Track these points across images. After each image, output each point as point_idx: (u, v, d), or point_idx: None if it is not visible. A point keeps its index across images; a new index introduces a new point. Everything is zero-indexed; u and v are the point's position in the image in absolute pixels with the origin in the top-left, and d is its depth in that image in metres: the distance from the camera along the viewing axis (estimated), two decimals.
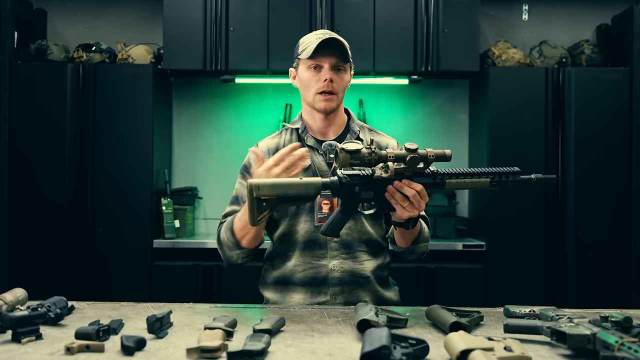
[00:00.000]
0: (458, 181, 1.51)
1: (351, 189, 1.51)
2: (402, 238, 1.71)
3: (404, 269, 3.15)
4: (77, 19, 3.94)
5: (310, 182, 1.50)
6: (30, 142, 3.39)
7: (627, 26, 3.55)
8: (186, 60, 3.50)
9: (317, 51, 1.74)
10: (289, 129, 1.90)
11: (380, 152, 1.47)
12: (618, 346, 1.08)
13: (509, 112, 3.43)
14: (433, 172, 1.51)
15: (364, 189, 1.51)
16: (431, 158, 1.48)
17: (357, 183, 1.51)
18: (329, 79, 1.75)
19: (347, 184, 1.50)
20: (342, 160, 1.46)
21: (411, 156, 1.46)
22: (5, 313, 1.27)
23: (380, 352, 1.05)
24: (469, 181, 1.51)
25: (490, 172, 1.51)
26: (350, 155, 1.45)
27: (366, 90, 3.84)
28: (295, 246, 1.80)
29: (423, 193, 1.50)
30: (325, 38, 1.74)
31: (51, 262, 3.35)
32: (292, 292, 1.79)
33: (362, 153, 1.46)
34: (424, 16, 3.49)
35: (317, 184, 1.49)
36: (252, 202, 1.48)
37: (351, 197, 1.52)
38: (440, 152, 1.48)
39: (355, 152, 1.45)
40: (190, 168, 3.90)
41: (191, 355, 1.15)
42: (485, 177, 1.51)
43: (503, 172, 1.51)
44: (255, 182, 1.48)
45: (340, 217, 1.54)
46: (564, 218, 3.41)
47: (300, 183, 1.49)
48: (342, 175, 1.50)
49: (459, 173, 1.51)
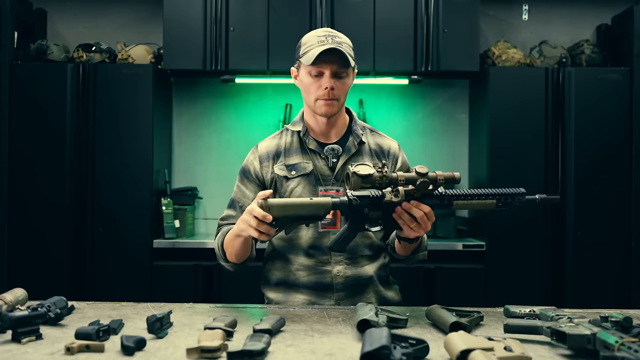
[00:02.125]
0: (465, 202, 1.53)
1: (360, 210, 1.54)
2: (403, 249, 1.73)
3: (404, 269, 3.14)
4: (77, 19, 3.94)
5: (321, 203, 1.52)
6: (30, 142, 3.39)
7: (627, 26, 3.55)
8: (186, 60, 3.50)
9: (318, 58, 1.70)
10: (289, 130, 1.88)
11: (390, 175, 1.49)
12: (618, 346, 1.08)
13: (509, 112, 3.43)
14: (441, 194, 1.53)
15: (373, 209, 1.54)
16: (441, 181, 1.50)
17: (366, 204, 1.53)
18: (330, 87, 1.73)
19: (357, 206, 1.53)
20: (353, 184, 1.49)
21: (421, 180, 1.49)
22: (5, 313, 1.27)
23: (380, 352, 1.05)
24: (476, 202, 1.53)
25: (496, 193, 1.53)
26: (361, 180, 1.48)
27: (366, 90, 3.84)
28: (299, 250, 1.80)
29: (430, 215, 1.52)
30: (326, 49, 1.70)
31: (51, 262, 3.35)
32: (296, 293, 1.79)
33: (373, 177, 1.48)
34: (424, 16, 3.49)
35: (327, 205, 1.52)
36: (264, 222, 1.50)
37: (360, 216, 1.54)
38: (449, 175, 1.51)
39: (366, 177, 1.48)
40: (190, 168, 3.90)
41: (191, 355, 1.15)
42: (492, 199, 1.52)
43: (509, 193, 1.53)
44: (266, 203, 1.49)
45: (347, 234, 1.57)
46: (563, 218, 3.41)
47: (311, 204, 1.52)
48: (352, 197, 1.53)
49: (466, 195, 1.53)
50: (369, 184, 1.49)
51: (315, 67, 1.73)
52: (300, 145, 1.84)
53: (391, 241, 1.77)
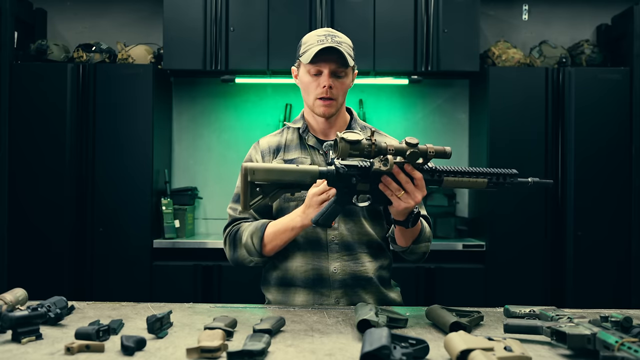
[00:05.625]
0: (456, 179, 1.50)
1: (348, 180, 1.49)
2: (402, 237, 1.69)
3: (404, 269, 3.15)
4: (77, 19, 3.94)
5: (307, 170, 1.48)
6: (30, 141, 3.39)
7: (627, 26, 3.55)
8: (186, 60, 3.50)
9: (317, 57, 1.71)
10: (290, 127, 1.89)
11: (380, 144, 1.45)
12: (618, 346, 1.08)
13: (509, 112, 3.43)
14: (431, 169, 1.50)
15: (361, 180, 1.49)
16: (431, 154, 1.47)
17: (354, 174, 1.49)
18: (328, 85, 1.73)
19: (344, 175, 1.49)
20: (341, 150, 1.44)
21: (411, 151, 1.46)
22: (5, 313, 1.27)
23: (380, 352, 1.05)
24: (467, 180, 1.51)
25: (488, 172, 1.51)
26: (350, 146, 1.44)
27: (366, 90, 3.84)
28: (295, 246, 1.79)
29: (420, 183, 1.49)
30: (324, 47, 1.71)
31: (51, 262, 3.35)
32: (294, 294, 1.79)
33: (362, 144, 1.44)
34: (424, 16, 3.49)
35: (313, 172, 1.48)
36: (246, 186, 1.46)
37: (347, 187, 1.50)
38: (440, 149, 1.48)
39: (355, 143, 1.44)
40: (190, 168, 3.90)
41: (191, 355, 1.15)
42: (483, 177, 1.51)
43: (501, 173, 1.51)
44: (250, 165, 1.45)
45: (334, 207, 1.53)
46: (564, 218, 3.41)
47: (296, 170, 1.47)
48: (340, 165, 1.48)
49: (457, 171, 1.50)
50: (358, 150, 1.44)
51: (314, 66, 1.74)
52: (300, 141, 1.85)
53: (391, 232, 1.75)
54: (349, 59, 1.74)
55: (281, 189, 1.48)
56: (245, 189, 1.46)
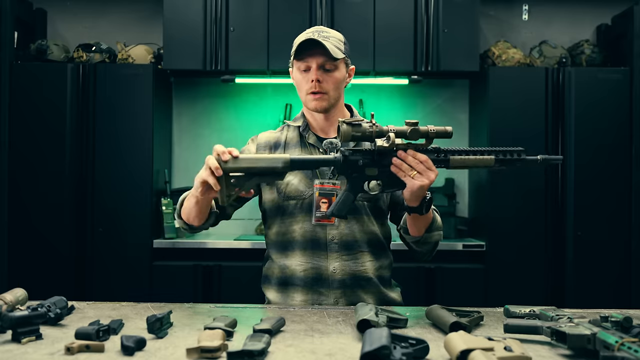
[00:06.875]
0: (462, 158, 1.52)
1: (355, 164, 1.52)
2: (415, 226, 1.68)
3: (404, 269, 3.14)
4: (77, 19, 3.94)
5: (278, 156, 1.51)
6: (30, 141, 3.39)
7: (627, 26, 3.55)
8: (186, 60, 3.50)
9: (303, 52, 1.74)
10: (290, 125, 1.89)
11: (381, 126, 1.49)
12: (618, 346, 1.08)
13: (509, 112, 3.43)
14: (436, 148, 1.52)
15: (368, 164, 1.52)
16: (432, 133, 1.50)
17: (360, 158, 1.52)
18: (316, 79, 1.75)
19: (350, 159, 1.52)
20: (343, 133, 1.48)
21: (412, 129, 1.48)
22: (5, 313, 1.27)
23: (380, 352, 1.05)
24: (473, 158, 1.52)
25: (494, 150, 1.52)
26: (352, 128, 1.47)
27: (366, 90, 3.84)
28: (295, 245, 1.79)
29: (429, 164, 1.51)
30: (307, 40, 1.73)
31: (51, 262, 3.35)
32: (293, 293, 1.78)
33: (363, 126, 1.48)
34: (424, 16, 3.49)
35: (284, 158, 1.50)
36: (221, 178, 1.48)
37: (356, 172, 1.53)
38: (441, 129, 1.51)
39: (356, 125, 1.48)
40: (190, 168, 3.90)
41: (191, 355, 1.15)
42: (490, 155, 1.51)
43: (508, 149, 1.52)
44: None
45: (347, 195, 1.55)
46: (564, 218, 3.41)
47: (266, 157, 1.51)
48: (345, 149, 1.52)
49: (463, 150, 1.52)
50: (360, 132, 1.48)
51: (302, 62, 1.76)
52: (300, 139, 1.85)
53: (403, 222, 1.74)
54: (337, 51, 1.74)
55: (254, 177, 1.50)
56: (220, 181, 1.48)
